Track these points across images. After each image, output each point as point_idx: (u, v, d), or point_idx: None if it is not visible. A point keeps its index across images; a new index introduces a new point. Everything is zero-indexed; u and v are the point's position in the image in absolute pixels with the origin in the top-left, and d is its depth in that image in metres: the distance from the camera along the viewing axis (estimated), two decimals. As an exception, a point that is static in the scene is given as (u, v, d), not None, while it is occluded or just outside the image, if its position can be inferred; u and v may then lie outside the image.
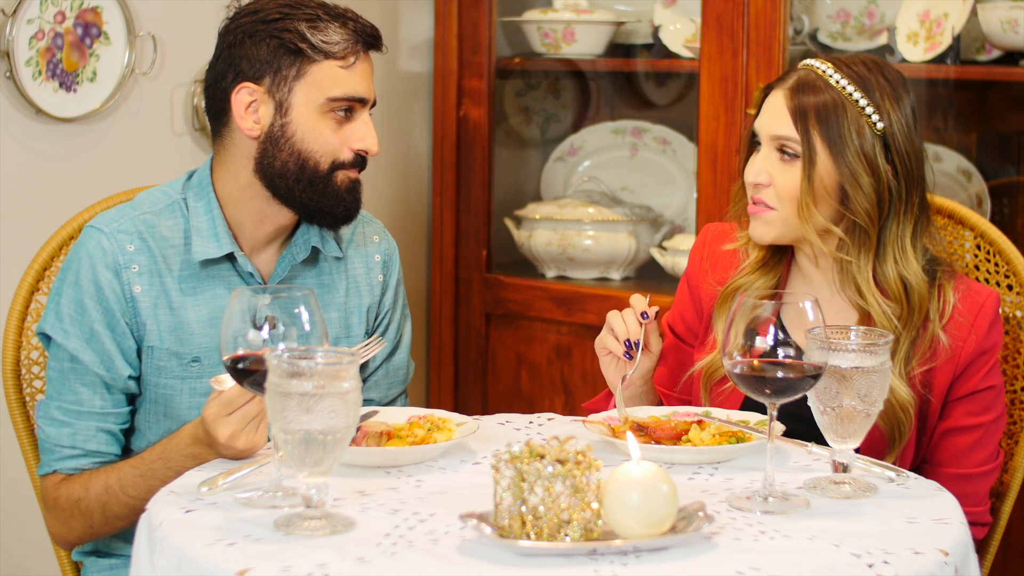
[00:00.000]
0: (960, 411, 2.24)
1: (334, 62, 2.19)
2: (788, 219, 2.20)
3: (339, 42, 2.19)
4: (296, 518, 1.73)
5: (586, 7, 3.56)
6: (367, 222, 2.44)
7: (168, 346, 2.22)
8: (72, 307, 2.20)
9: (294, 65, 2.19)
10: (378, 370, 2.42)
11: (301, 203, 2.23)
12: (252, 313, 1.85)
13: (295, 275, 2.31)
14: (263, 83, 2.20)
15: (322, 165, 2.21)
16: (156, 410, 2.26)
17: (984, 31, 3.04)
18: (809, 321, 1.85)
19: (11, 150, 2.88)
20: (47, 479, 2.24)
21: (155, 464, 2.12)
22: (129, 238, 2.21)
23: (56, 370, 2.22)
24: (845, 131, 2.16)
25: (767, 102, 2.24)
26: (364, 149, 2.23)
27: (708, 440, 2.04)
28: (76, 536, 2.25)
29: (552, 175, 3.76)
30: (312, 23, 2.19)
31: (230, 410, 1.98)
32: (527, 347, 3.51)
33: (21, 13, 2.83)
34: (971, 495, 2.22)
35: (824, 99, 2.17)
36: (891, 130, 2.19)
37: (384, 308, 2.43)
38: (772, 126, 2.20)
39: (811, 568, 1.64)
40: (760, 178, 2.20)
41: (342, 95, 2.20)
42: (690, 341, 2.41)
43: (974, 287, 2.25)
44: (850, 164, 2.16)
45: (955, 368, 2.22)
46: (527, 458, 1.65)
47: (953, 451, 2.24)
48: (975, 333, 2.22)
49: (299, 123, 2.20)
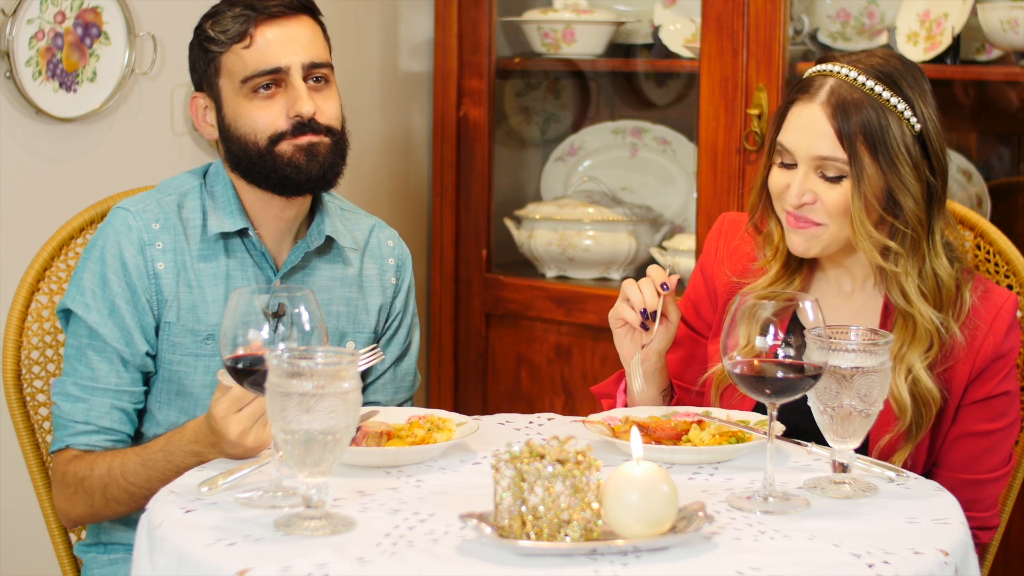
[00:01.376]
0: (974, 416, 2.21)
1: (236, 47, 2.27)
2: (837, 233, 2.16)
3: (231, 27, 2.27)
4: (296, 518, 1.73)
5: (586, 7, 3.56)
6: (382, 227, 2.47)
7: (184, 323, 2.27)
8: (95, 281, 2.25)
9: (211, 63, 2.30)
10: (385, 374, 2.43)
11: (264, 180, 2.28)
12: (254, 312, 1.85)
13: (308, 263, 2.34)
14: (204, 88, 2.33)
15: (260, 142, 2.26)
16: (169, 388, 2.29)
17: (984, 31, 3.04)
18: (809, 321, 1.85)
19: (11, 150, 2.88)
20: (59, 455, 2.26)
21: (156, 455, 2.15)
22: (154, 216, 2.28)
23: (74, 347, 2.26)
24: (892, 143, 2.12)
25: (797, 117, 2.16)
26: (297, 113, 2.26)
27: (708, 440, 2.04)
28: (78, 514, 2.27)
29: (552, 175, 3.76)
30: (213, 18, 2.31)
31: (239, 407, 1.99)
32: (527, 347, 3.51)
33: (21, 13, 2.83)
34: (981, 500, 2.20)
35: (867, 115, 2.11)
36: (926, 128, 2.15)
37: (395, 311, 2.44)
38: (814, 146, 2.13)
39: (811, 568, 1.64)
40: (805, 198, 2.15)
41: (251, 73, 2.26)
42: (703, 332, 2.37)
43: (993, 289, 2.23)
44: (900, 174, 2.13)
45: (971, 370, 2.19)
46: (527, 458, 1.65)
47: (965, 456, 2.21)
48: (993, 336, 2.19)
49: (230, 113, 2.28)
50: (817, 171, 2.14)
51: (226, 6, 2.29)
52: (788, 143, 2.16)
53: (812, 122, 2.13)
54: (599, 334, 3.35)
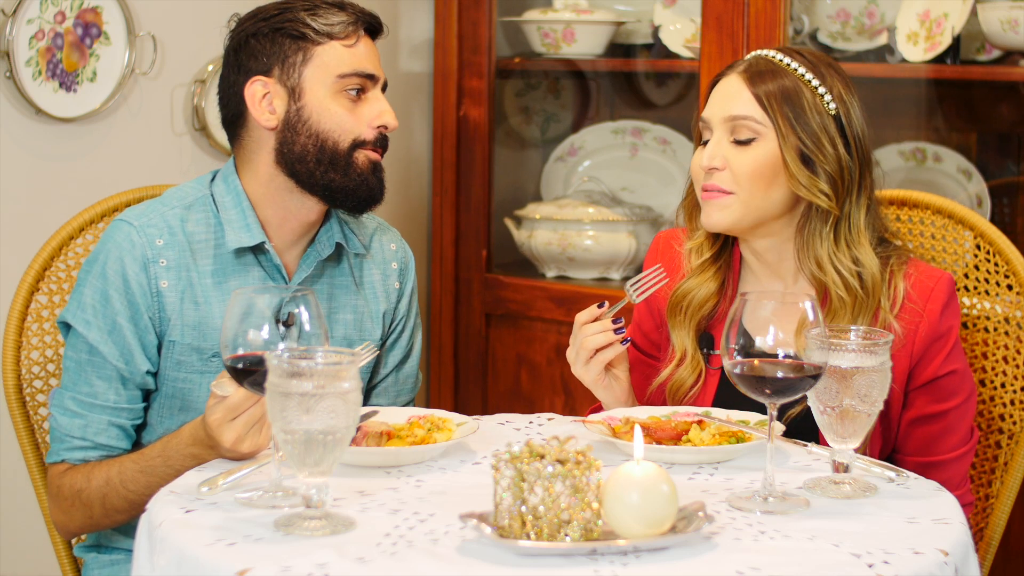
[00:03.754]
0: (923, 400, 2.23)
1: (337, 42, 2.23)
2: (748, 201, 2.19)
3: (339, 23, 2.23)
4: (296, 518, 1.73)
5: (586, 7, 3.56)
6: (384, 230, 2.46)
7: (190, 341, 2.24)
8: (96, 298, 2.21)
9: (300, 50, 2.22)
10: (387, 377, 2.43)
11: (323, 186, 2.24)
12: (255, 312, 1.85)
13: (318, 273, 2.32)
14: (273, 74, 2.23)
15: (341, 144, 2.23)
16: (172, 404, 2.27)
17: (984, 31, 3.04)
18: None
19: (11, 150, 2.88)
20: (54, 467, 2.25)
21: (155, 461, 2.13)
22: (158, 232, 2.23)
23: (73, 360, 2.23)
24: (806, 108, 2.18)
25: (718, 89, 2.23)
26: (384, 124, 2.25)
27: (708, 440, 2.04)
28: (77, 526, 2.26)
29: (552, 175, 3.76)
30: (311, 11, 2.24)
31: (234, 415, 1.98)
32: (527, 347, 3.51)
33: (21, 13, 2.83)
34: (948, 480, 2.21)
35: (783, 81, 2.19)
36: (845, 110, 2.20)
37: (399, 315, 2.43)
38: (728, 107, 2.19)
39: (811, 568, 1.64)
40: (715, 162, 2.19)
41: (350, 71, 2.22)
42: (653, 353, 2.39)
43: (926, 271, 2.24)
44: (814, 137, 2.17)
45: (911, 355, 2.21)
46: (527, 458, 1.65)
47: (922, 440, 2.24)
48: (927, 318, 2.21)
49: (313, 105, 2.22)
50: (729, 135, 2.19)
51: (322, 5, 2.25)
52: (706, 113, 2.23)
53: (728, 88, 2.22)
54: (599, 334, 3.35)
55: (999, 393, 2.44)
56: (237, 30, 2.28)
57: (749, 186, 2.18)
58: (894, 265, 2.23)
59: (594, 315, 2.20)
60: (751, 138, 2.18)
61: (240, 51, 2.25)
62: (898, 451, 2.27)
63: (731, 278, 2.30)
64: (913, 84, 3.25)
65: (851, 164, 2.20)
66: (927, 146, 3.29)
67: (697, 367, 2.27)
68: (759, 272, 2.29)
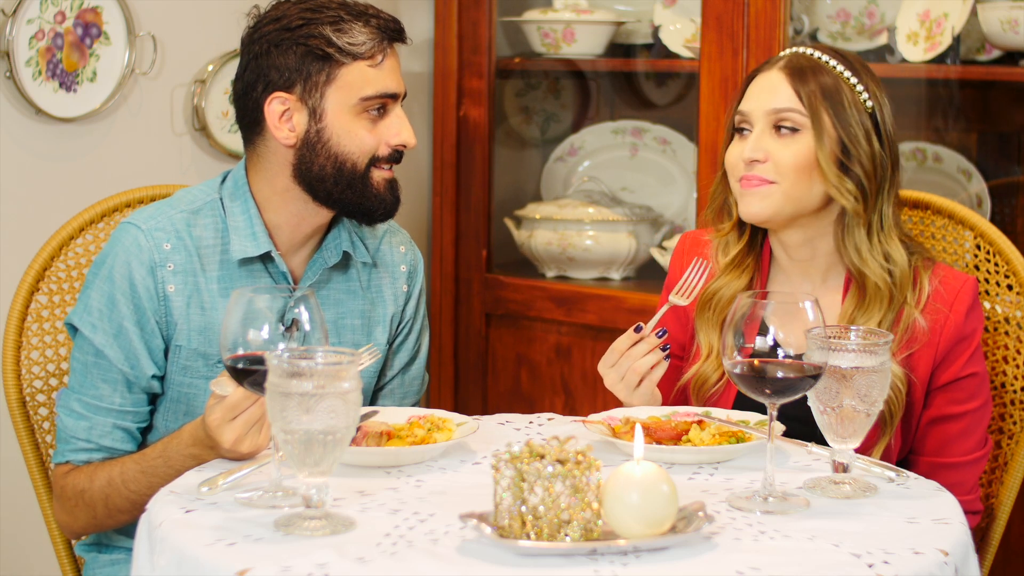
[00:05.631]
0: (944, 399, 2.25)
1: (362, 63, 2.20)
2: (789, 191, 2.21)
3: (365, 42, 2.20)
4: (296, 518, 1.73)
5: (586, 7, 3.55)
6: (394, 232, 2.45)
7: (196, 346, 2.23)
8: (103, 301, 2.21)
9: (323, 71, 2.19)
10: (393, 380, 2.43)
11: (341, 204, 2.24)
12: (255, 312, 1.85)
13: (324, 279, 2.31)
14: (294, 91, 2.20)
15: (360, 165, 2.22)
16: (177, 408, 2.27)
17: (984, 31, 3.04)
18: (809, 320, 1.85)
19: (11, 150, 2.88)
20: (58, 468, 2.26)
21: (156, 461, 2.13)
22: (166, 236, 2.22)
23: (80, 362, 2.23)
24: (846, 104, 2.21)
25: (757, 83, 2.25)
26: (402, 143, 2.25)
27: (708, 440, 2.04)
28: (80, 526, 2.26)
29: (552, 175, 3.76)
30: (336, 25, 2.19)
31: (233, 415, 1.98)
32: (527, 347, 3.51)
33: (21, 13, 2.83)
34: (960, 484, 2.22)
35: (824, 79, 2.22)
36: (879, 110, 2.24)
37: (406, 318, 2.43)
38: (771, 101, 2.22)
39: (811, 568, 1.64)
40: (757, 154, 2.21)
41: (374, 93, 2.21)
42: (680, 354, 2.39)
43: (952, 273, 2.27)
44: (853, 133, 2.20)
45: (935, 354, 2.23)
46: (527, 458, 1.65)
47: (940, 440, 2.26)
48: (953, 319, 2.23)
49: (334, 127, 2.20)
50: (772, 127, 2.21)
51: (344, 14, 2.20)
52: (746, 107, 2.24)
53: (770, 83, 2.24)
54: (599, 334, 3.35)
55: (999, 393, 2.44)
56: (258, 33, 2.22)
57: (793, 177, 2.20)
58: (919, 263, 2.26)
59: (634, 339, 2.18)
60: (795, 129, 2.20)
61: (261, 58, 2.21)
62: (914, 451, 2.28)
63: (759, 277, 2.31)
64: (913, 84, 3.25)
65: (885, 160, 2.23)
66: (927, 146, 3.29)
67: (721, 364, 2.27)
68: (789, 270, 2.30)
